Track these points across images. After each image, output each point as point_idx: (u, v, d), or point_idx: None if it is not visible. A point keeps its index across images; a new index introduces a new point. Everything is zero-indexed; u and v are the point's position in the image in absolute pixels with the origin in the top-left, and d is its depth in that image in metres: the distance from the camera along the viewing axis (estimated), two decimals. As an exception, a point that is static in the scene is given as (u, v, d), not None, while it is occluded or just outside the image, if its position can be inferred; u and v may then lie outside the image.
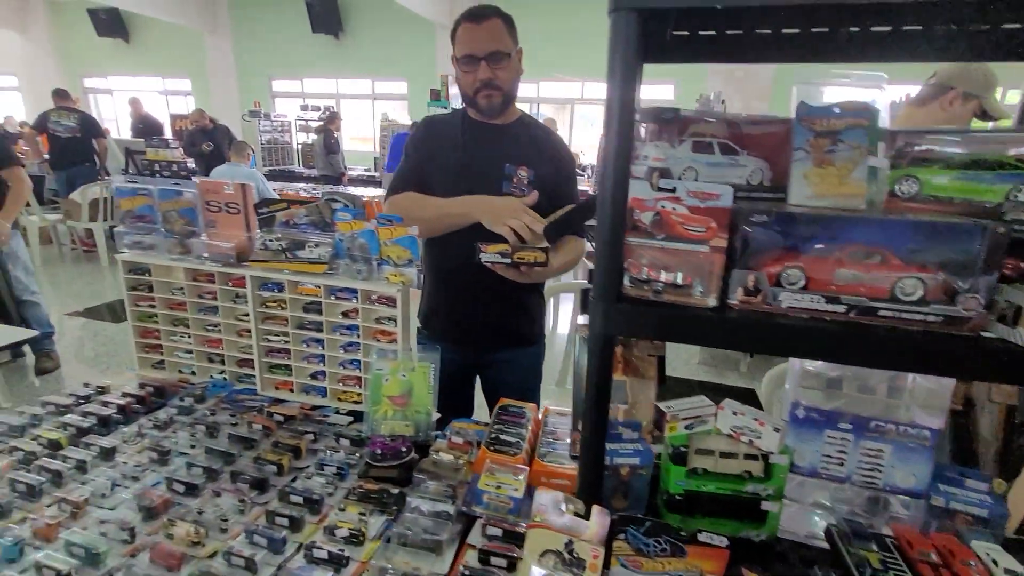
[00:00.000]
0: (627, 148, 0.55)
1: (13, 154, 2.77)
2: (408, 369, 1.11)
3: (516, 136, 1.35)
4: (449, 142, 1.35)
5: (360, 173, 8.35)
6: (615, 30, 0.53)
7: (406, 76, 9.67)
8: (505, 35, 1.25)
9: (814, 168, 0.69)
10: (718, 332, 0.60)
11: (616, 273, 0.60)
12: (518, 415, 1.16)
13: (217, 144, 6.58)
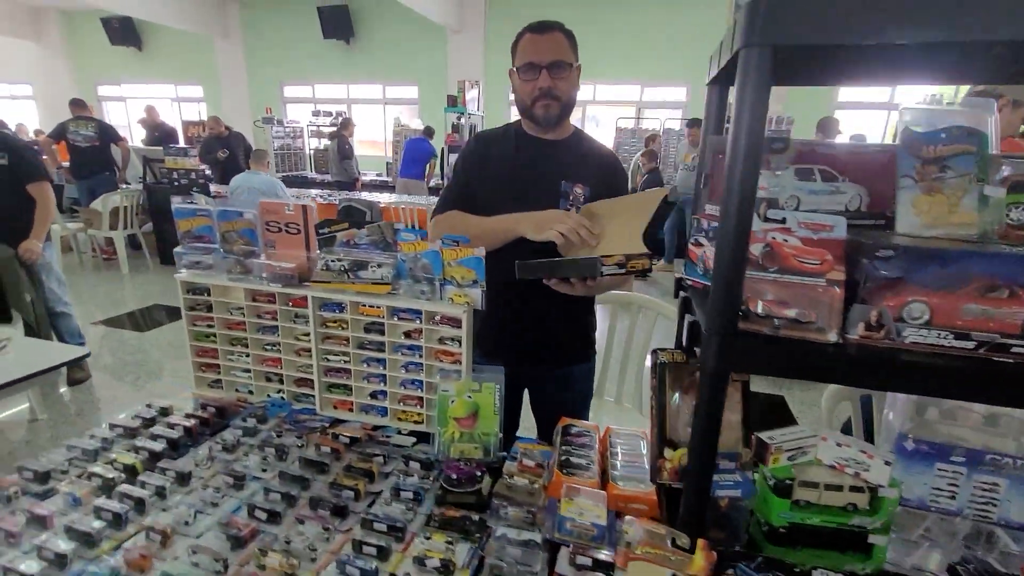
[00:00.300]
0: (753, 182, 0.55)
1: (43, 169, 2.79)
2: (473, 390, 1.10)
3: (571, 151, 1.34)
4: (501, 158, 1.34)
5: (372, 178, 8.39)
6: (746, 63, 0.52)
7: (417, 80, 9.70)
8: (567, 48, 1.25)
9: (922, 196, 0.68)
10: (839, 368, 0.59)
11: (733, 308, 0.59)
12: (583, 435, 1.15)
13: (232, 151, 6.62)
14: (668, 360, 0.89)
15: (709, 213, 0.75)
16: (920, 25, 0.49)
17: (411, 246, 1.13)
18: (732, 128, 0.55)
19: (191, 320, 1.30)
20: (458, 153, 1.49)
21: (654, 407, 0.90)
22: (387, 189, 7.75)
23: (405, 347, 1.18)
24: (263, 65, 10.36)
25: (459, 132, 5.58)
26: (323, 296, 1.18)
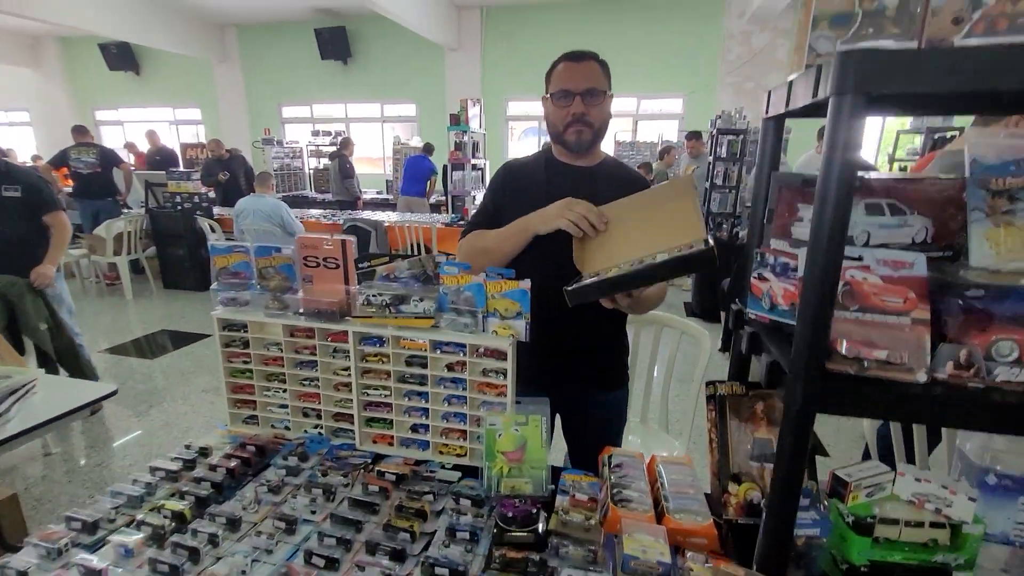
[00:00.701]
0: (844, 224, 0.55)
1: (56, 200, 2.78)
2: (520, 423, 1.09)
3: (603, 177, 1.35)
4: (531, 185, 1.35)
5: (373, 196, 8.41)
6: (838, 109, 0.53)
7: (415, 99, 9.78)
8: (601, 76, 1.26)
9: (994, 228, 0.68)
10: (929, 409, 0.59)
11: (820, 349, 0.59)
12: (630, 465, 1.14)
13: (233, 173, 6.63)
14: (727, 393, 0.89)
15: (775, 248, 0.75)
16: (998, 79, 0.50)
17: (454, 279, 1.13)
18: (823, 169, 0.55)
19: (227, 356, 1.28)
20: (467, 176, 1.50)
21: (714, 440, 0.90)
22: (388, 207, 7.78)
23: (448, 380, 1.17)
24: (261, 87, 10.44)
25: (462, 150, 5.62)
26: (363, 331, 1.17)
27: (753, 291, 0.80)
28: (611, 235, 1.14)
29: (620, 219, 1.15)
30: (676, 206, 1.09)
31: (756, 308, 0.79)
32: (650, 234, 1.08)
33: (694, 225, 1.02)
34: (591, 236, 1.14)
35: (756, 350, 0.76)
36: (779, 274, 0.75)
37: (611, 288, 1.05)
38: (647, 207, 1.14)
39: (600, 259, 1.13)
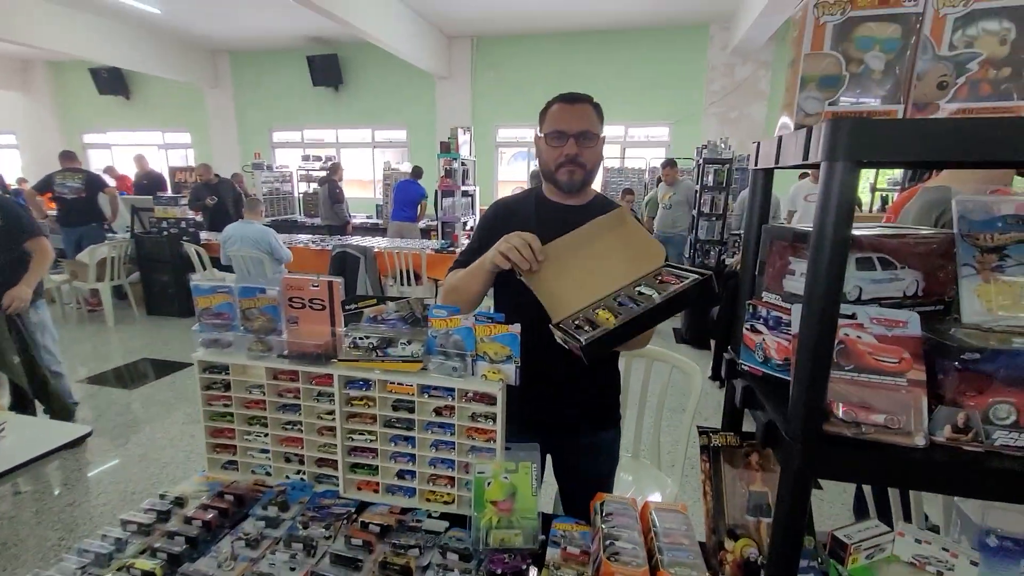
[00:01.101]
0: (839, 285, 0.54)
1: (37, 226, 2.74)
2: (509, 470, 1.06)
3: (593, 216, 1.35)
4: (522, 223, 1.34)
5: (363, 221, 8.40)
6: (830, 175, 0.53)
7: (406, 124, 9.89)
8: (595, 120, 1.28)
9: (984, 285, 0.68)
10: (928, 475, 0.57)
11: (818, 412, 0.58)
12: (622, 512, 1.11)
13: (221, 198, 6.60)
14: (721, 444, 0.87)
15: (767, 301, 0.75)
16: (985, 151, 0.50)
17: (442, 322, 1.11)
18: (816, 230, 0.55)
19: (206, 400, 1.24)
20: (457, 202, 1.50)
21: (709, 492, 0.87)
22: (378, 232, 7.77)
23: (435, 425, 1.14)
24: (253, 112, 10.50)
25: (452, 176, 5.65)
26: (349, 374, 1.14)
27: (746, 343, 0.79)
28: (569, 272, 1.13)
29: (571, 255, 1.15)
30: (624, 234, 1.15)
31: (749, 360, 0.78)
32: (611, 266, 1.12)
33: (654, 250, 1.11)
34: (524, 268, 1.11)
35: (750, 404, 0.75)
36: (772, 328, 0.74)
37: (625, 334, 0.98)
38: (593, 240, 1.16)
39: (569, 299, 1.11)
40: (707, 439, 0.88)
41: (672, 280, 1.02)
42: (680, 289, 0.96)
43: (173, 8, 7.80)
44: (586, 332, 0.99)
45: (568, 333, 1.02)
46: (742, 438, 0.87)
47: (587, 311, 1.07)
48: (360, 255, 5.14)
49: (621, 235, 1.17)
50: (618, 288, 1.09)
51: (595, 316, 1.04)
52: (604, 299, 1.08)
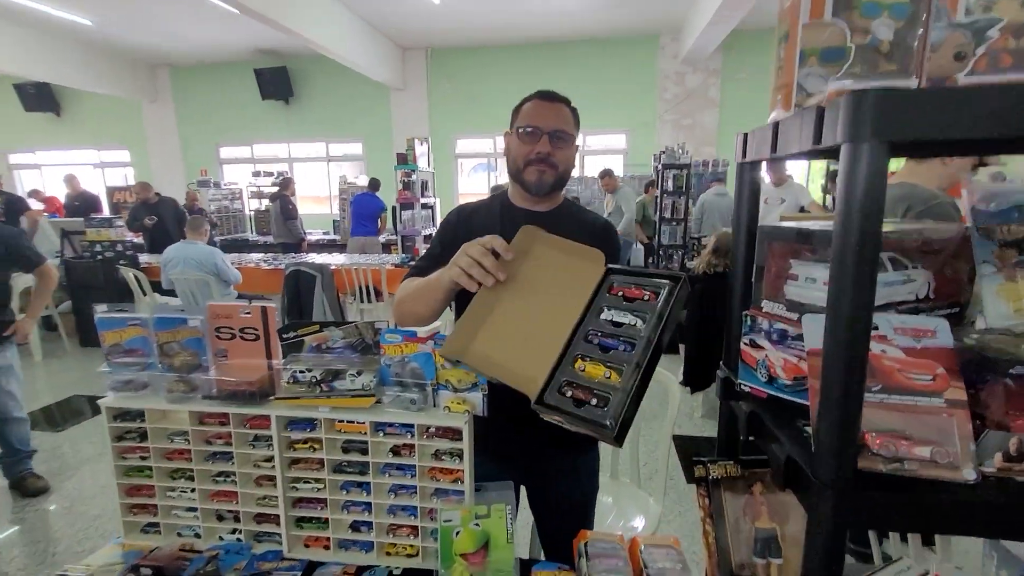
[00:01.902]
0: (869, 290, 0.44)
1: (38, 254, 2.60)
2: (481, 515, 0.93)
3: (562, 223, 1.24)
4: (485, 230, 1.22)
5: (319, 237, 8.10)
6: (854, 159, 0.43)
7: (362, 137, 9.64)
8: (571, 121, 1.20)
9: (1007, 284, 0.60)
10: (983, 517, 0.48)
11: (852, 447, 0.47)
12: (610, 553, 0.99)
13: (162, 218, 6.19)
14: (721, 475, 0.77)
15: (769, 312, 0.65)
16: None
17: (396, 348, 0.97)
18: (839, 230, 0.45)
19: (119, 452, 1.05)
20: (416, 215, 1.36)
21: (710, 534, 0.76)
22: (336, 248, 7.49)
23: (393, 467, 0.99)
24: (197, 127, 10.01)
25: (411, 189, 5.49)
26: (290, 414, 0.98)
27: (745, 360, 0.69)
28: (509, 324, 0.91)
29: (508, 301, 0.94)
30: (546, 251, 0.98)
31: (750, 380, 0.68)
32: (553, 294, 0.92)
33: (590, 255, 0.94)
34: (489, 283, 0.93)
35: (757, 432, 0.64)
36: (776, 342, 0.64)
37: (643, 389, 0.75)
38: (516, 274, 0.96)
39: (528, 358, 0.85)
40: (704, 470, 0.78)
41: (636, 292, 0.85)
42: (665, 308, 0.80)
43: (106, 19, 7.35)
44: (596, 407, 0.74)
45: (572, 415, 0.75)
46: (743, 466, 0.77)
47: (565, 370, 0.81)
48: (316, 273, 4.88)
49: (544, 254, 0.97)
50: (575, 321, 0.86)
51: (582, 375, 0.79)
52: (571, 343, 0.84)
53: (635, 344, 0.78)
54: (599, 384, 0.77)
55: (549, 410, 0.77)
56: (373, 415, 0.96)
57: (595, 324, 0.85)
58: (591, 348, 0.82)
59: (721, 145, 8.15)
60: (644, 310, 0.82)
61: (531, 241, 1.00)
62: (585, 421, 0.73)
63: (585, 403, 0.76)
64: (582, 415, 0.74)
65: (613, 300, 0.86)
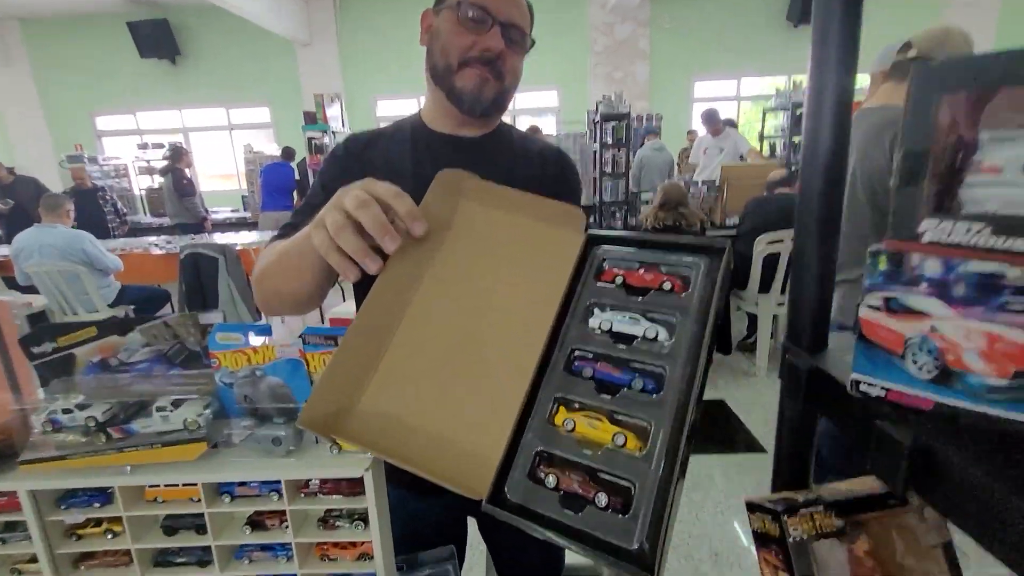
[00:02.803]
0: None
1: None
2: (406, 611, 0.57)
3: (501, 152, 0.87)
4: (389, 164, 0.83)
5: (227, 215, 7.20)
6: None
7: (268, 101, 8.62)
8: (528, 20, 0.83)
9: None
10: None
11: None
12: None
13: (19, 201, 5.17)
14: (812, 532, 0.45)
15: (948, 243, 0.31)
16: None
17: (239, 357, 0.57)
18: None
19: None
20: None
21: None
22: (247, 227, 6.68)
23: (254, 548, 0.61)
24: (63, 93, 8.54)
25: (324, 153, 4.85)
26: (59, 485, 0.56)
27: (876, 337, 0.36)
28: (418, 334, 0.52)
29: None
30: (487, 204, 0.58)
31: (892, 377, 0.35)
32: (494, 274, 0.54)
33: (555, 211, 0.56)
34: (373, 269, 0.51)
35: (921, 485, 0.32)
36: (966, 302, 0.31)
37: (685, 466, 0.41)
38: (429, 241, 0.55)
39: (465, 395, 0.49)
40: (776, 524, 0.46)
41: (646, 278, 0.49)
42: (706, 303, 0.45)
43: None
44: (606, 511, 0.40)
45: (561, 528, 0.40)
46: (838, 511, 0.46)
47: (536, 431, 0.45)
48: (218, 255, 4.22)
49: (479, 217, 0.57)
50: (543, 335, 0.49)
51: (570, 439, 0.44)
52: (541, 377, 0.48)
53: (662, 375, 0.44)
54: (606, 459, 0.42)
55: (515, 515, 0.41)
56: (209, 471, 0.56)
57: (581, 339, 0.49)
58: (579, 385, 0.46)
59: (654, 99, 7.98)
60: (666, 308, 0.47)
61: (456, 195, 0.59)
62: (590, 540, 0.38)
63: (585, 502, 0.40)
64: (582, 528, 0.39)
65: (608, 293, 0.51)
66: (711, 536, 1.94)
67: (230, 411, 0.59)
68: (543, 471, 0.43)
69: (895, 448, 0.33)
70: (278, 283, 0.68)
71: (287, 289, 0.67)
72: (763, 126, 5.92)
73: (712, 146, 4.62)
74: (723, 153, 4.63)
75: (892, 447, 0.33)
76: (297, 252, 0.62)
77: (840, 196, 0.45)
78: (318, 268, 0.61)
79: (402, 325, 0.53)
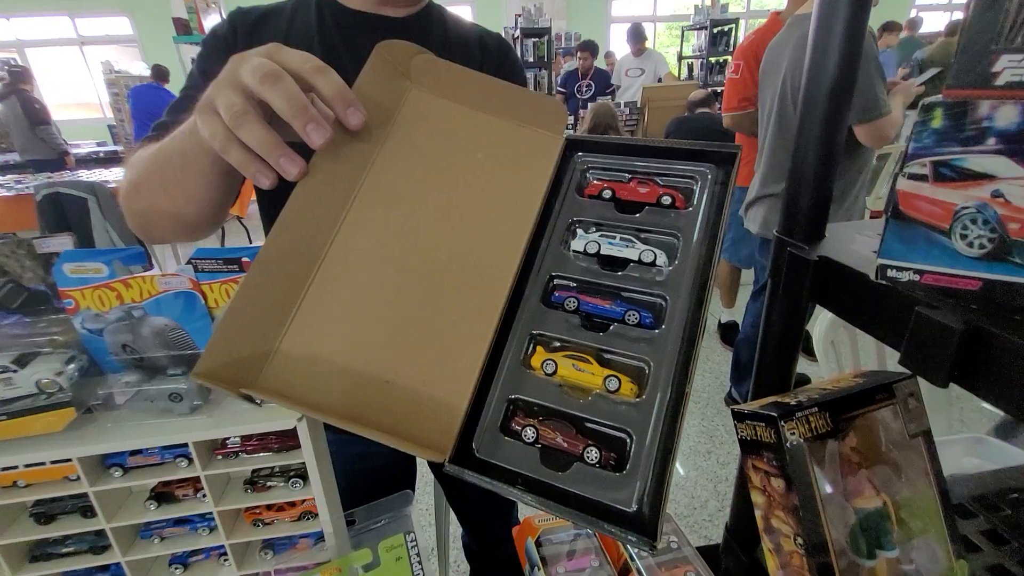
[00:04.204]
0: None
1: None
2: (365, 566, 0.50)
3: (433, 36, 0.72)
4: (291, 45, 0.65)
5: (94, 149, 6.16)
6: None
7: (128, 10, 7.23)
8: None
9: None
10: None
11: None
12: (575, 548, 0.65)
13: None
14: (808, 434, 0.43)
15: (1012, 83, 0.26)
16: None
17: (107, 293, 0.43)
18: None
19: None
20: None
21: (795, 528, 0.44)
22: (118, 162, 5.76)
23: (164, 523, 0.50)
24: None
25: (207, 71, 4.17)
26: None
27: (916, 212, 0.31)
28: (353, 261, 0.40)
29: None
30: (438, 93, 0.46)
31: (931, 258, 0.31)
32: (450, 182, 0.43)
33: (529, 103, 0.45)
34: (294, 173, 0.38)
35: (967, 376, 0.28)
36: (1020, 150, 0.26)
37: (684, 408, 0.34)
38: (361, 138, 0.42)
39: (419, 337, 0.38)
40: (770, 431, 0.43)
41: (640, 192, 0.41)
42: (714, 218, 0.38)
43: None
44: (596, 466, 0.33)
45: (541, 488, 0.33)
46: (832, 412, 0.43)
47: (509, 374, 0.37)
48: (87, 195, 3.61)
49: (428, 109, 0.45)
50: (516, 260, 0.40)
51: (551, 383, 0.36)
52: (515, 312, 0.39)
53: (661, 306, 0.37)
54: (595, 407, 0.35)
55: (486, 477, 0.33)
56: (86, 442, 0.44)
57: (562, 265, 0.40)
58: (560, 320, 0.39)
59: (572, 18, 7.65)
60: (665, 228, 0.40)
61: (400, 77, 0.45)
62: (578, 503, 0.32)
63: (572, 458, 0.34)
64: (568, 488, 0.32)
65: (594, 210, 0.42)
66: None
67: (104, 365, 0.45)
68: (518, 423, 0.36)
69: (941, 334, 0.29)
70: (155, 198, 0.51)
71: (169, 205, 0.51)
72: (681, 46, 5.88)
73: (634, 67, 4.53)
74: (644, 75, 4.56)
75: (936, 334, 0.29)
76: (179, 152, 0.46)
77: (851, 74, 0.39)
78: (210, 172, 0.45)
79: (333, 245, 0.40)
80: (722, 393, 2.37)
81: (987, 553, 0.56)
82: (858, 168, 1.59)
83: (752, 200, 1.83)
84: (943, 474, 0.46)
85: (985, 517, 0.61)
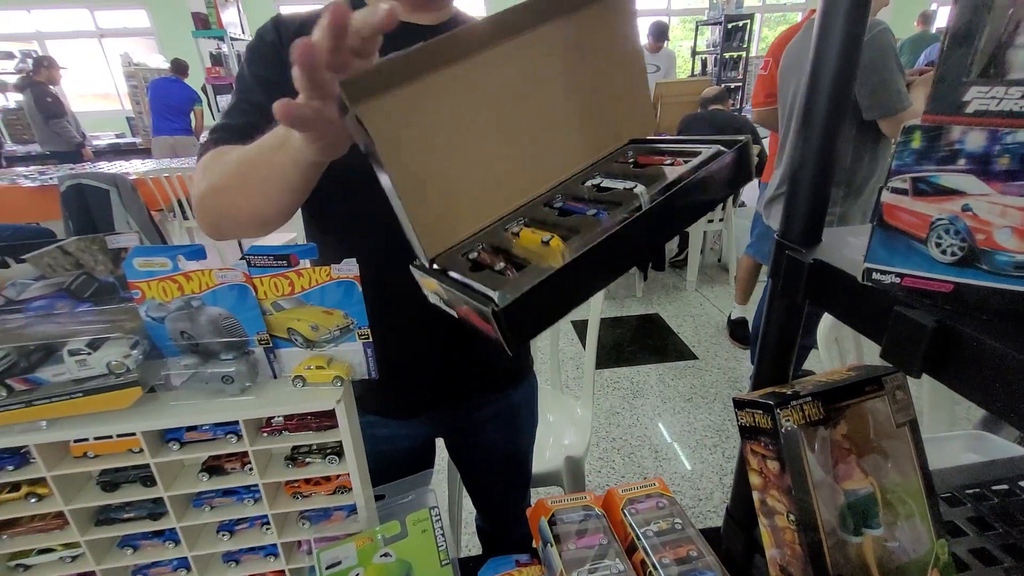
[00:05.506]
0: None
1: None
2: (392, 536, 0.55)
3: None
4: None
5: (112, 141, 6.28)
6: None
7: (145, 4, 7.31)
8: None
9: None
10: None
11: None
12: (583, 517, 0.69)
13: None
14: (801, 421, 0.47)
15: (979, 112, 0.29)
16: None
17: (169, 284, 0.48)
18: None
19: None
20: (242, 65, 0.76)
21: (789, 509, 0.48)
22: (138, 154, 5.87)
23: (217, 493, 0.55)
24: None
25: (223, 64, 4.24)
26: (-49, 449, 0.47)
27: (898, 222, 0.35)
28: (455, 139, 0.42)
29: (460, 95, 0.43)
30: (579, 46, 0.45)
31: (910, 264, 0.35)
32: (545, 126, 0.46)
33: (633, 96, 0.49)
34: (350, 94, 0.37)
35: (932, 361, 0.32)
36: (1005, 177, 0.30)
37: (585, 280, 0.40)
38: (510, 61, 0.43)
39: (456, 204, 0.44)
40: (767, 417, 0.46)
41: (654, 158, 0.48)
42: (693, 173, 0.42)
43: None
44: (498, 273, 0.40)
45: (456, 285, 0.40)
46: (824, 402, 0.47)
47: (496, 231, 0.45)
48: (108, 186, 3.70)
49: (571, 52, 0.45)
50: (559, 180, 0.48)
51: (513, 243, 0.43)
52: (529, 204, 0.47)
53: (617, 205, 0.42)
54: (526, 249, 0.42)
55: (429, 275, 0.43)
56: (149, 418, 0.49)
57: (567, 190, 0.47)
58: (545, 213, 0.46)
59: None
60: (657, 175, 0.44)
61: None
62: (467, 291, 0.39)
63: (487, 267, 0.42)
64: (467, 282, 0.40)
65: (614, 167, 0.49)
66: (650, 436, 2.11)
67: (164, 350, 0.50)
68: (473, 251, 0.44)
69: (915, 331, 0.32)
70: (235, 199, 0.55)
71: (248, 207, 0.55)
72: (695, 41, 5.84)
73: (649, 63, 4.52)
74: (658, 72, 4.55)
75: (911, 330, 0.33)
76: (266, 163, 0.49)
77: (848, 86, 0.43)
78: (295, 179, 0.49)
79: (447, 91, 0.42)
80: (729, 389, 2.40)
81: (972, 538, 0.60)
82: (878, 161, 1.61)
83: (772, 197, 1.85)
84: (927, 462, 0.50)
85: (972, 505, 0.65)
